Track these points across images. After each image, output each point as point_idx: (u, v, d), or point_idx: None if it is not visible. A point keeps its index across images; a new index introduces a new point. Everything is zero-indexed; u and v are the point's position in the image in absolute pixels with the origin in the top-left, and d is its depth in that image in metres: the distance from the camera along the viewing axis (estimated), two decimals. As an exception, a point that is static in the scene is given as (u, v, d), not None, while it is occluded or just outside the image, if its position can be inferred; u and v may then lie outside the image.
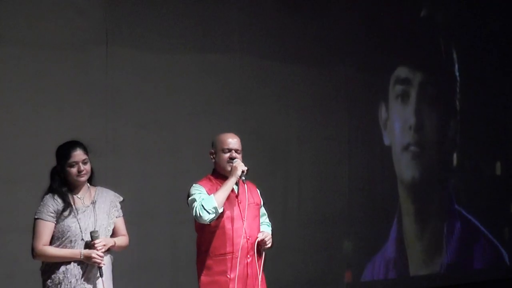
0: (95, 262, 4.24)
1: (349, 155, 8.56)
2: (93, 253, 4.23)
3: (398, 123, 9.10)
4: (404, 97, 9.16)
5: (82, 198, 4.34)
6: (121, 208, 4.51)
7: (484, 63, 9.91)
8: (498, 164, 10.10)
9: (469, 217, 9.72)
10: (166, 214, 7.07)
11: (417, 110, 9.25)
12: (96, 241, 4.25)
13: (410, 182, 9.23)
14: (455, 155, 9.68)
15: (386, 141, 8.99)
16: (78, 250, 4.24)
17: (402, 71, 9.15)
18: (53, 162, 4.39)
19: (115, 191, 4.53)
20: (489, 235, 9.92)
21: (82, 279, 4.24)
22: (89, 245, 4.25)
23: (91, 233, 4.25)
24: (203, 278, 4.54)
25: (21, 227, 5.97)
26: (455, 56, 9.71)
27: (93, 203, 4.36)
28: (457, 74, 9.71)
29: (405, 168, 9.18)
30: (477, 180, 9.85)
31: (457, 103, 9.73)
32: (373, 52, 8.79)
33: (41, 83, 6.48)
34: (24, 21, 6.42)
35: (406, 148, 9.18)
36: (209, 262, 4.51)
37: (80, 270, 4.25)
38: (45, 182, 4.38)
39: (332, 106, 8.44)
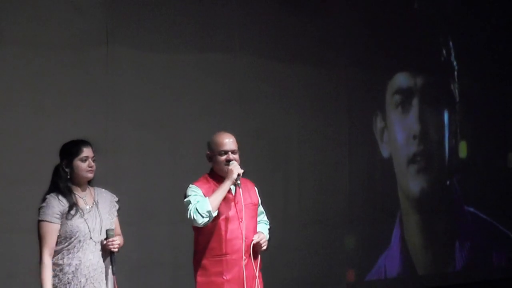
0: (109, 248, 4.26)
1: (349, 155, 8.56)
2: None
3: (399, 128, 9.07)
4: (406, 99, 9.13)
5: (84, 198, 4.31)
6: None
7: (487, 55, 9.84)
8: (510, 156, 10.02)
9: (479, 212, 9.67)
10: (166, 214, 7.07)
11: (420, 105, 9.21)
12: (114, 239, 4.27)
13: (418, 183, 9.20)
14: (465, 148, 9.61)
15: (385, 153, 8.96)
16: None
17: (400, 78, 9.13)
18: (53, 162, 4.36)
19: (115, 191, 4.53)
20: (503, 229, 9.86)
21: (92, 279, 4.23)
22: (103, 243, 4.26)
23: (107, 231, 4.27)
24: (199, 278, 4.53)
25: (22, 227, 5.99)
26: (451, 46, 9.65)
27: (96, 203, 4.34)
28: (455, 63, 9.64)
29: (412, 168, 9.14)
30: (488, 174, 9.77)
31: (456, 93, 9.67)
32: (374, 52, 8.79)
33: (41, 83, 6.48)
34: (24, 21, 6.42)
35: (412, 140, 9.13)
36: (205, 262, 4.51)
37: (90, 269, 4.23)
38: (46, 182, 4.35)
39: (332, 106, 8.43)
